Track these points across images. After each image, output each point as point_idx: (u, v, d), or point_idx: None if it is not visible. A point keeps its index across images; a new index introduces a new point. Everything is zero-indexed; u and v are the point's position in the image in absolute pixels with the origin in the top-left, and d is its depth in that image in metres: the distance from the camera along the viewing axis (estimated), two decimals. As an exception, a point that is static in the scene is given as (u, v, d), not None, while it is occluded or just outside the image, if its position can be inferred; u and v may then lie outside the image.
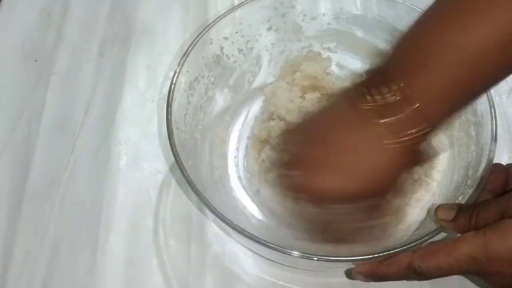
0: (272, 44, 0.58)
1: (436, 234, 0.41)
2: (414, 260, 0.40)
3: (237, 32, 0.54)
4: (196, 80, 0.51)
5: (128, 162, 0.56)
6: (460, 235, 0.41)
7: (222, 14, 0.52)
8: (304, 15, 0.56)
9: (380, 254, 0.41)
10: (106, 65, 0.62)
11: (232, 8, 0.52)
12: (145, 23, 0.66)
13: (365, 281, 0.43)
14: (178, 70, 0.48)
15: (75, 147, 0.56)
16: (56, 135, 0.57)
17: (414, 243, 0.41)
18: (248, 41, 0.56)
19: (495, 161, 0.45)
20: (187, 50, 0.49)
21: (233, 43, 0.54)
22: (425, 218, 0.47)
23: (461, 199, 0.44)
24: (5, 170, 0.55)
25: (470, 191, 0.44)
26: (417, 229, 0.47)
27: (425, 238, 0.41)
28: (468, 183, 0.45)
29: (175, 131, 0.45)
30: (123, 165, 0.55)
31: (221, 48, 0.53)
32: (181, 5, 0.67)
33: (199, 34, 0.50)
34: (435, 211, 0.43)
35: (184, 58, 0.49)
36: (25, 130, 0.57)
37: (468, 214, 0.41)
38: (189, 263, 0.50)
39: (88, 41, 0.64)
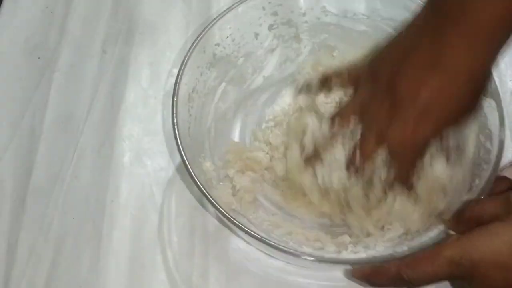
0: (262, 43, 0.57)
1: (427, 245, 0.42)
2: (401, 270, 0.40)
3: (227, 36, 0.53)
4: (194, 91, 0.51)
5: (131, 158, 0.56)
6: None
7: (212, 21, 0.51)
8: (292, 11, 0.56)
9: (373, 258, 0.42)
10: (109, 62, 0.62)
11: (218, 15, 0.52)
12: (147, 20, 0.66)
13: (363, 285, 0.44)
14: (177, 84, 0.48)
15: (79, 144, 0.56)
16: (59, 132, 0.57)
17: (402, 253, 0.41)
18: (239, 44, 0.56)
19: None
20: (183, 62, 0.49)
21: (224, 48, 0.54)
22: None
23: (478, 182, 0.44)
24: (9, 166, 0.55)
25: (486, 174, 0.44)
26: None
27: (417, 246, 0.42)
28: (476, 182, 0.45)
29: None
30: (127, 162, 0.55)
31: (214, 54, 0.53)
32: (183, 1, 0.67)
33: (192, 45, 0.50)
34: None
35: (181, 70, 0.48)
36: (28, 127, 0.57)
37: (462, 209, 0.41)
38: (193, 259, 0.50)
39: (91, 38, 0.64)
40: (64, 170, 0.55)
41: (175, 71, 0.51)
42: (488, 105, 0.47)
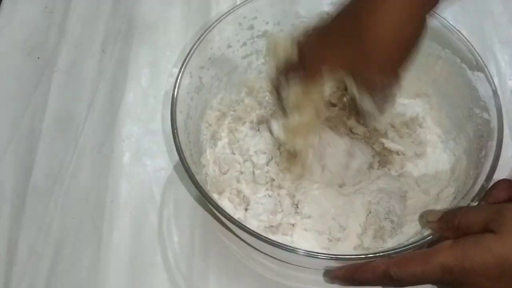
0: (242, 59, 0.57)
1: (419, 246, 0.42)
2: (390, 267, 0.40)
3: (209, 58, 0.53)
4: (188, 117, 0.50)
5: (131, 158, 0.56)
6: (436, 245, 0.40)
7: (194, 44, 0.51)
8: (267, 22, 0.56)
9: (378, 255, 0.42)
10: (109, 61, 0.62)
11: (206, 30, 0.52)
12: (147, 20, 0.66)
13: (343, 285, 0.44)
14: (174, 112, 0.47)
15: (78, 144, 0.56)
16: (59, 132, 0.57)
17: (397, 250, 0.41)
18: (222, 62, 0.55)
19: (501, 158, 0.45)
20: (174, 91, 0.48)
21: (208, 69, 0.53)
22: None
23: (484, 153, 0.46)
24: (9, 166, 0.55)
25: (493, 143, 0.45)
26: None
27: (407, 247, 0.42)
28: (483, 153, 0.46)
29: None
30: (126, 162, 0.55)
31: (200, 78, 0.53)
32: (183, 1, 0.67)
33: (179, 72, 0.49)
34: (426, 215, 0.43)
35: (175, 101, 0.48)
36: (28, 127, 0.57)
37: (452, 215, 0.41)
38: (193, 259, 0.50)
39: (91, 38, 0.64)
40: (63, 170, 0.55)
41: (175, 70, 0.50)
42: (476, 77, 0.49)
